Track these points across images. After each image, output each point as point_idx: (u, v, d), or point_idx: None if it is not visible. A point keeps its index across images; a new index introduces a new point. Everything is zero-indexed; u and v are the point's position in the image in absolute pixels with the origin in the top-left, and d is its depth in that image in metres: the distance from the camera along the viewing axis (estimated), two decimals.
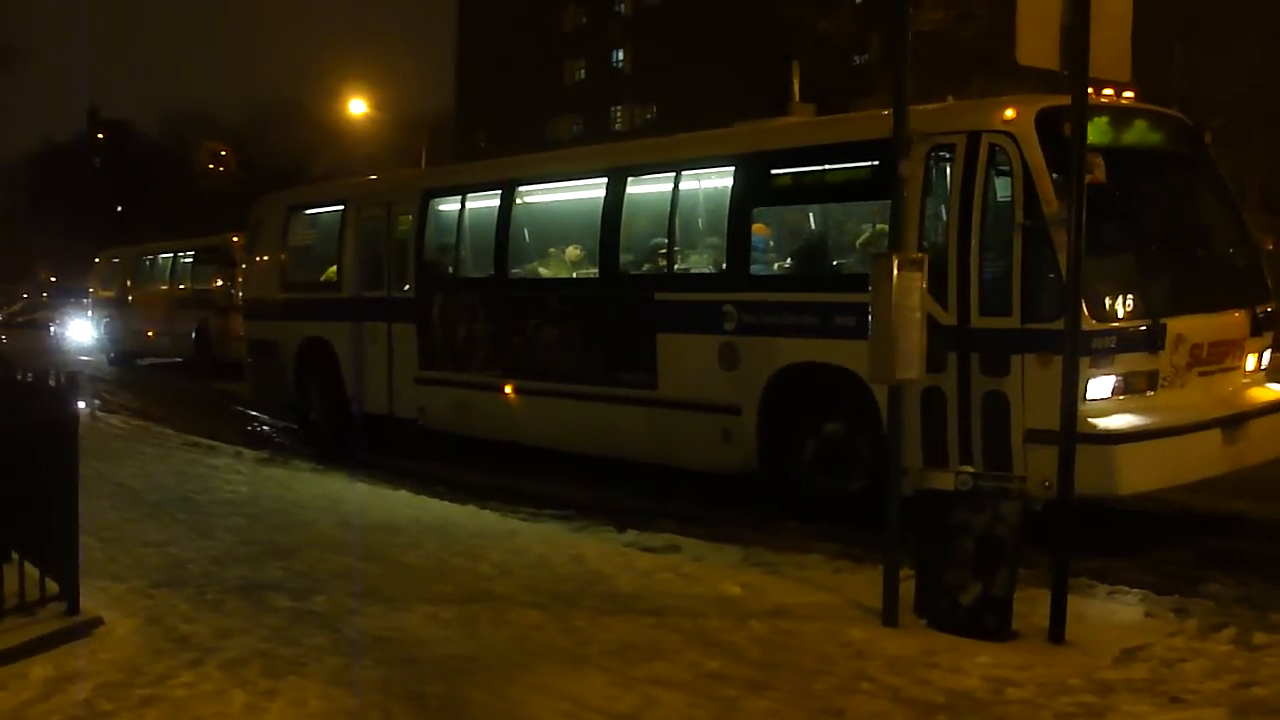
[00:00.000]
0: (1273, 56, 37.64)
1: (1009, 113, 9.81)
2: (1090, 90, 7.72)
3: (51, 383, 7.51)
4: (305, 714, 6.08)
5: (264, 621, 7.64)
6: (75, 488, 7.41)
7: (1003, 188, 9.74)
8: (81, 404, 10.86)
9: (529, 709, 6.18)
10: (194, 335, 30.63)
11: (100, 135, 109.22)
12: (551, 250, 14.13)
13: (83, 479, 7.65)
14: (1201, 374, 9.86)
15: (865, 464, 10.57)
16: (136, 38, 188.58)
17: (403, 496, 12.64)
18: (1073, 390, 7.29)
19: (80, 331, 42.91)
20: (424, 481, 13.71)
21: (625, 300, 12.71)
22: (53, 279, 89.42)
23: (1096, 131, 9.06)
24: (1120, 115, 10.42)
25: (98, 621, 7.33)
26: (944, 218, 9.98)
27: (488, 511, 11.68)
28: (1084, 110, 7.29)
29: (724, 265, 11.88)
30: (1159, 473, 9.47)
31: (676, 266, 12.41)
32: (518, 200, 14.20)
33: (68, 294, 59.89)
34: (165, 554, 9.55)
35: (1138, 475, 9.27)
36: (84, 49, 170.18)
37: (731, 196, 11.78)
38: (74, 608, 7.33)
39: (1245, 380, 10.47)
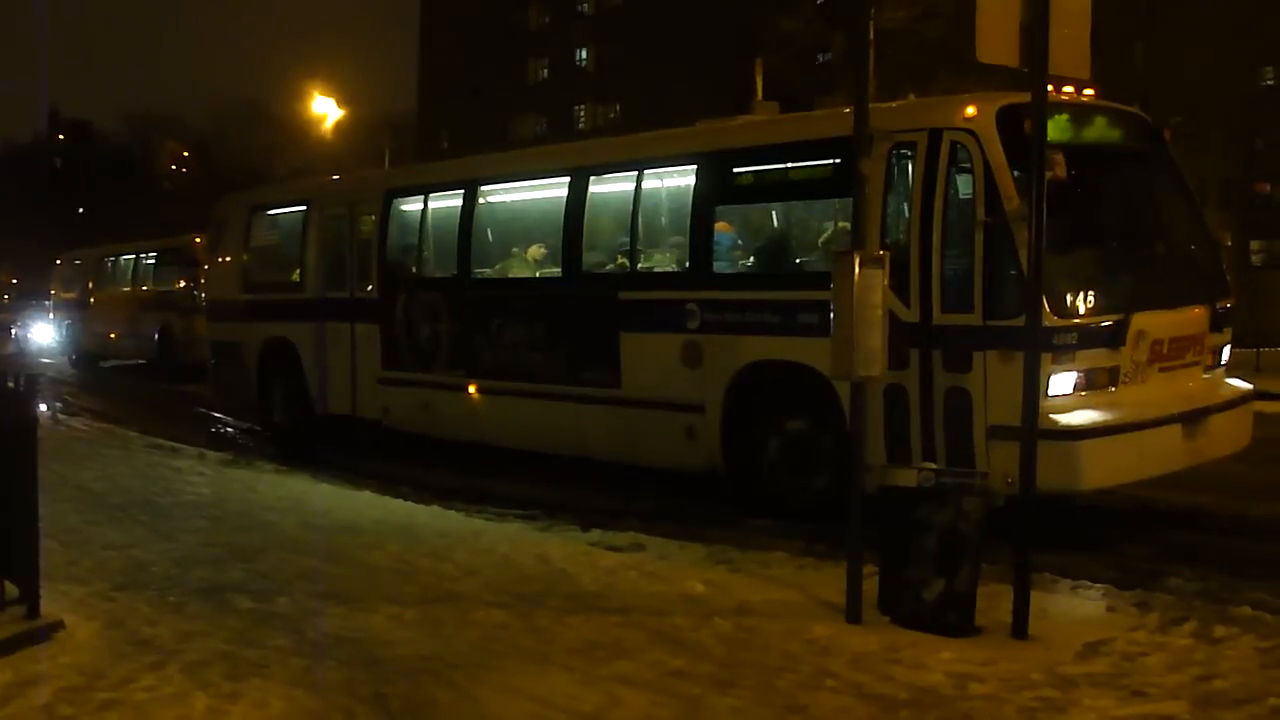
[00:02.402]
0: (1231, 56, 37.98)
1: (970, 110, 9.84)
2: (1051, 88, 7.76)
3: (11, 385, 7.44)
4: (267, 716, 6.04)
5: (226, 624, 7.59)
6: (35, 490, 7.33)
7: (964, 185, 9.77)
8: (43, 406, 10.79)
9: (493, 709, 6.16)
10: (157, 337, 30.51)
11: (61, 136, 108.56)
12: (515, 250, 14.10)
13: (44, 482, 7.58)
14: (1162, 369, 9.92)
15: (829, 461, 10.59)
16: (98, 37, 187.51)
17: (366, 497, 12.59)
18: (1034, 386, 7.32)
19: (42, 334, 42.68)
20: (388, 482, 13.67)
21: (589, 299, 12.70)
22: (14, 281, 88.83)
23: (1057, 129, 9.13)
24: (1080, 113, 10.45)
25: (58, 625, 7.26)
26: (906, 215, 10.01)
27: (452, 512, 11.66)
28: (1044, 108, 7.32)
29: (687, 264, 11.88)
30: (1120, 468, 9.52)
31: (639, 265, 12.40)
32: (481, 200, 14.18)
33: (29, 296, 59.54)
34: (127, 556, 9.46)
35: (1099, 471, 9.32)
36: (44, 49, 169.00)
37: (694, 195, 11.78)
38: (34, 611, 7.24)
39: (1205, 376, 10.54)
